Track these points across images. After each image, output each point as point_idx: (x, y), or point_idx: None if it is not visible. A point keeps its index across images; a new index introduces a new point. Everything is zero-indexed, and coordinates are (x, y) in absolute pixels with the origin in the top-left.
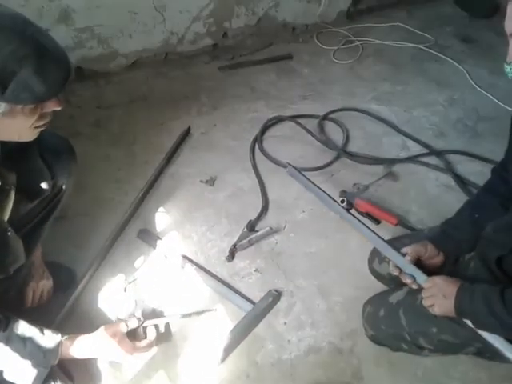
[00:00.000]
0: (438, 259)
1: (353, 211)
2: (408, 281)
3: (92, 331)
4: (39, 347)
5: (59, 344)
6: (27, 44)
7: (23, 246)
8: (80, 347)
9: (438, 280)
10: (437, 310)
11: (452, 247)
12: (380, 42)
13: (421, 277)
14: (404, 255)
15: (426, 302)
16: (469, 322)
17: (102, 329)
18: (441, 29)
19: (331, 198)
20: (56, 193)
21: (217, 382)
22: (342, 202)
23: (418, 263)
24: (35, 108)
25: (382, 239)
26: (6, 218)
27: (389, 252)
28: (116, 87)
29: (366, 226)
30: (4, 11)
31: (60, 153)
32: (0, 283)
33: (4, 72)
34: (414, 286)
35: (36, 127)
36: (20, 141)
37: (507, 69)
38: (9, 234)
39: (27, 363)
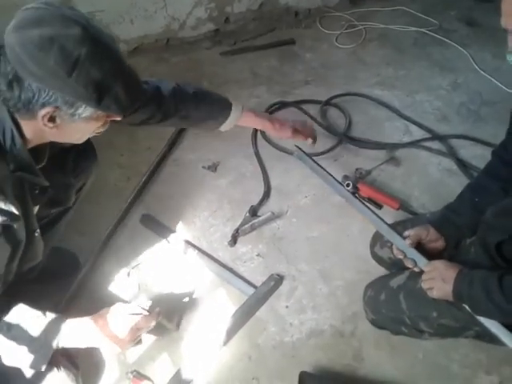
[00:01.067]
0: (439, 243)
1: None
2: (410, 265)
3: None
4: (42, 331)
5: (60, 323)
6: (117, 61)
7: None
8: (69, 330)
9: (438, 264)
10: (435, 294)
11: (453, 232)
12: (383, 26)
13: (421, 260)
14: (405, 238)
15: (424, 285)
16: (467, 307)
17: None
18: (445, 12)
19: (338, 181)
20: (78, 189)
21: (219, 364)
22: (348, 185)
23: (419, 247)
24: (105, 116)
25: (385, 223)
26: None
27: (391, 235)
28: None
29: (370, 210)
30: (95, 26)
31: (84, 153)
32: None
33: (103, 85)
34: (416, 269)
35: (95, 133)
36: (75, 143)
37: (510, 58)
38: (36, 235)
39: (24, 349)
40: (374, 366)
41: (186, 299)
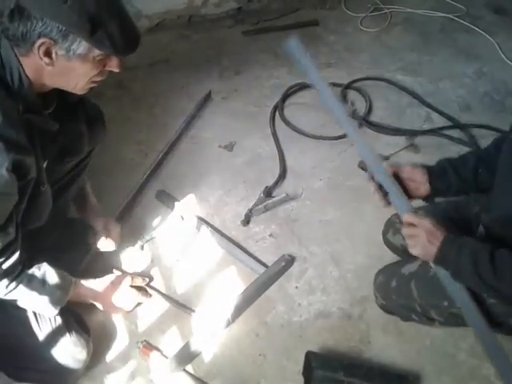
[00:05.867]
0: (421, 190)
1: None
2: (377, 195)
3: None
4: (57, 286)
5: (72, 284)
6: (117, 2)
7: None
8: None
9: (426, 223)
10: (417, 252)
11: (443, 187)
12: (410, 10)
13: (404, 205)
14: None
15: (407, 241)
16: (441, 271)
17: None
18: None
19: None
20: (86, 156)
21: (227, 339)
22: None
23: (399, 182)
24: (102, 61)
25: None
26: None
27: (372, 162)
28: (139, 49)
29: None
30: None
31: (92, 118)
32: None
33: (98, 19)
34: (383, 203)
35: (92, 82)
36: (72, 91)
37: None
38: (43, 188)
39: (45, 299)
40: (381, 349)
41: None
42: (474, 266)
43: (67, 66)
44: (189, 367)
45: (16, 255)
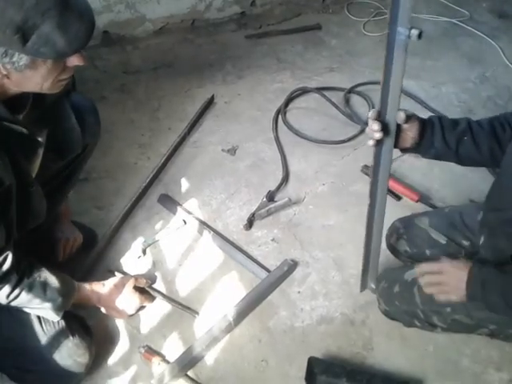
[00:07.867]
0: (409, 143)
1: None
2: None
3: None
4: (58, 292)
5: (75, 290)
6: None
7: (47, 203)
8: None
9: (447, 266)
10: (455, 299)
11: (427, 144)
12: (413, 15)
13: (387, 159)
14: None
15: (431, 290)
16: None
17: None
18: (476, 3)
19: None
20: (81, 151)
21: (229, 345)
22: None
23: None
24: (58, 62)
25: None
26: (34, 173)
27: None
28: (142, 53)
29: None
30: None
31: (85, 113)
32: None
33: (26, 25)
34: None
35: (59, 80)
36: (43, 92)
37: None
38: (32, 189)
39: (47, 305)
40: (384, 356)
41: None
42: (505, 303)
43: (21, 76)
44: (190, 372)
45: (8, 262)
